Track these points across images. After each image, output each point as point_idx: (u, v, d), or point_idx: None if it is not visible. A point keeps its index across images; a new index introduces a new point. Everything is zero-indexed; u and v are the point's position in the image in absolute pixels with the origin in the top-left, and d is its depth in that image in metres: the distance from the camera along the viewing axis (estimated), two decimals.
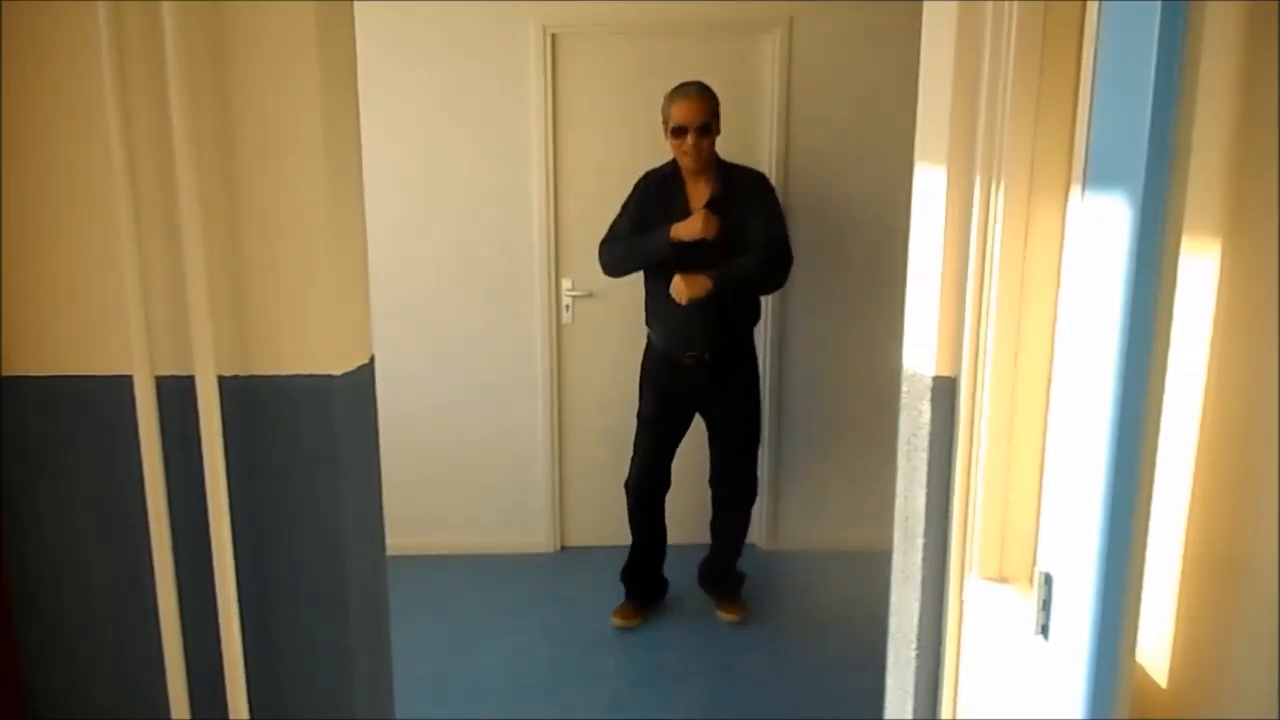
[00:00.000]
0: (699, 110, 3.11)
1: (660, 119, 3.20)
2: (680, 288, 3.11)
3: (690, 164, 3.17)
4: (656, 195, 3.24)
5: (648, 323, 3.38)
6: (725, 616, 3.46)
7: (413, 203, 3.78)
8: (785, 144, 3.75)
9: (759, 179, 3.28)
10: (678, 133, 3.13)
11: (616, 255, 3.28)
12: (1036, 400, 1.49)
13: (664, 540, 3.53)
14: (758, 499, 3.98)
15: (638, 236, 3.21)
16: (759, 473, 3.97)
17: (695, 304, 3.15)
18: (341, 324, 1.44)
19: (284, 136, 1.36)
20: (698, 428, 3.48)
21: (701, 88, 3.16)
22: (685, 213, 3.16)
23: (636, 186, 3.31)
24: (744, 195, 3.18)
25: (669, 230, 3.12)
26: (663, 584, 3.59)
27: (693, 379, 3.29)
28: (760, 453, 3.97)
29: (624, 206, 3.32)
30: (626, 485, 3.45)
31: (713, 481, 3.49)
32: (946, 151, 1.51)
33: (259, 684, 1.50)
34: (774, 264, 3.20)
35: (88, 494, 1.45)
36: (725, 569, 3.55)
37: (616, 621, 3.44)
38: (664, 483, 3.44)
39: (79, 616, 1.49)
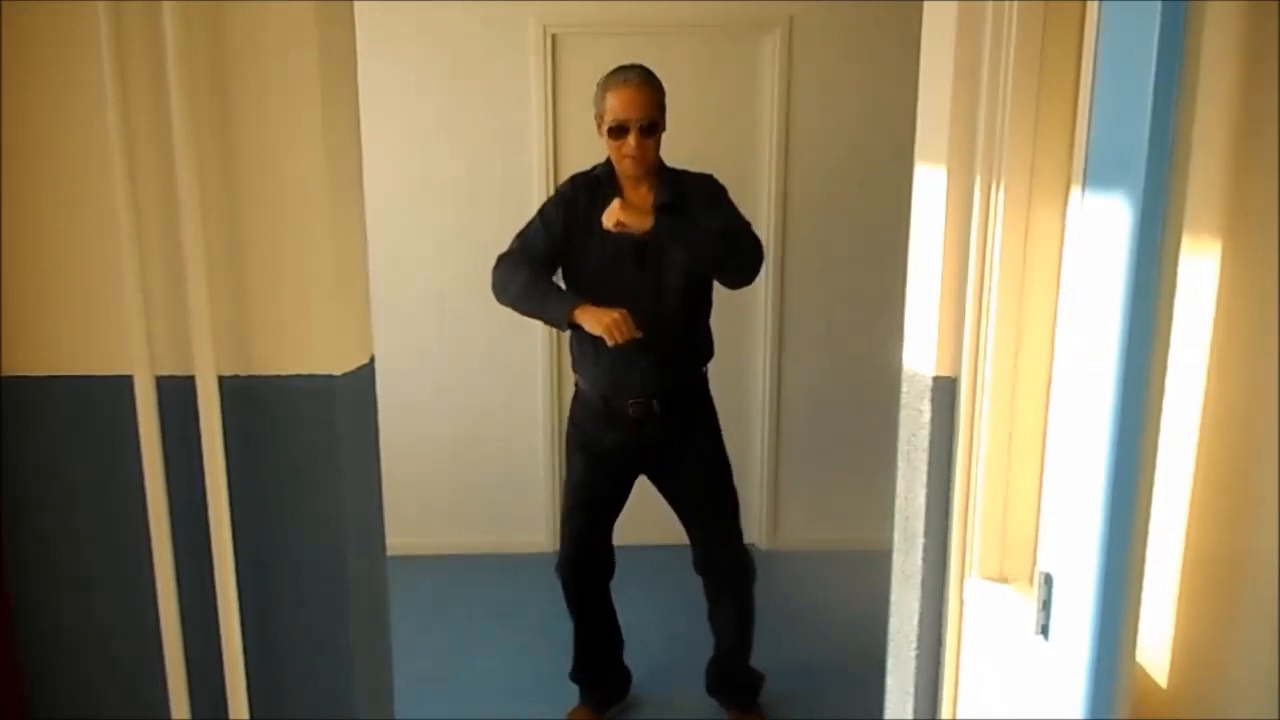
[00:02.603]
0: (642, 103, 2.44)
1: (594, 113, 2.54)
2: (614, 209, 2.36)
3: (632, 170, 2.50)
4: (588, 201, 2.53)
5: (574, 368, 2.68)
6: None
7: (412, 202, 3.77)
8: (785, 144, 3.75)
9: (706, 180, 2.60)
10: (616, 132, 2.45)
11: (511, 286, 2.51)
12: (1036, 400, 1.49)
13: (616, 627, 2.90)
14: (759, 498, 4.01)
15: (537, 290, 2.50)
16: (760, 470, 4.00)
17: (643, 340, 2.44)
18: (341, 324, 1.44)
19: (284, 136, 1.36)
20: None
21: (644, 74, 2.47)
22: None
23: (560, 189, 2.64)
24: (693, 203, 2.53)
25: (573, 310, 2.42)
26: (625, 676, 2.97)
27: (638, 432, 2.60)
28: (760, 452, 3.99)
29: (541, 211, 2.61)
30: (559, 570, 2.78)
31: (697, 567, 2.79)
32: (946, 151, 1.51)
33: (259, 684, 1.50)
34: (740, 242, 2.48)
35: (88, 494, 1.45)
36: (735, 670, 2.89)
37: None
38: (607, 565, 2.79)
39: (79, 616, 1.49)
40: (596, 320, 2.39)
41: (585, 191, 2.58)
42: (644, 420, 2.59)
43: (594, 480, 2.71)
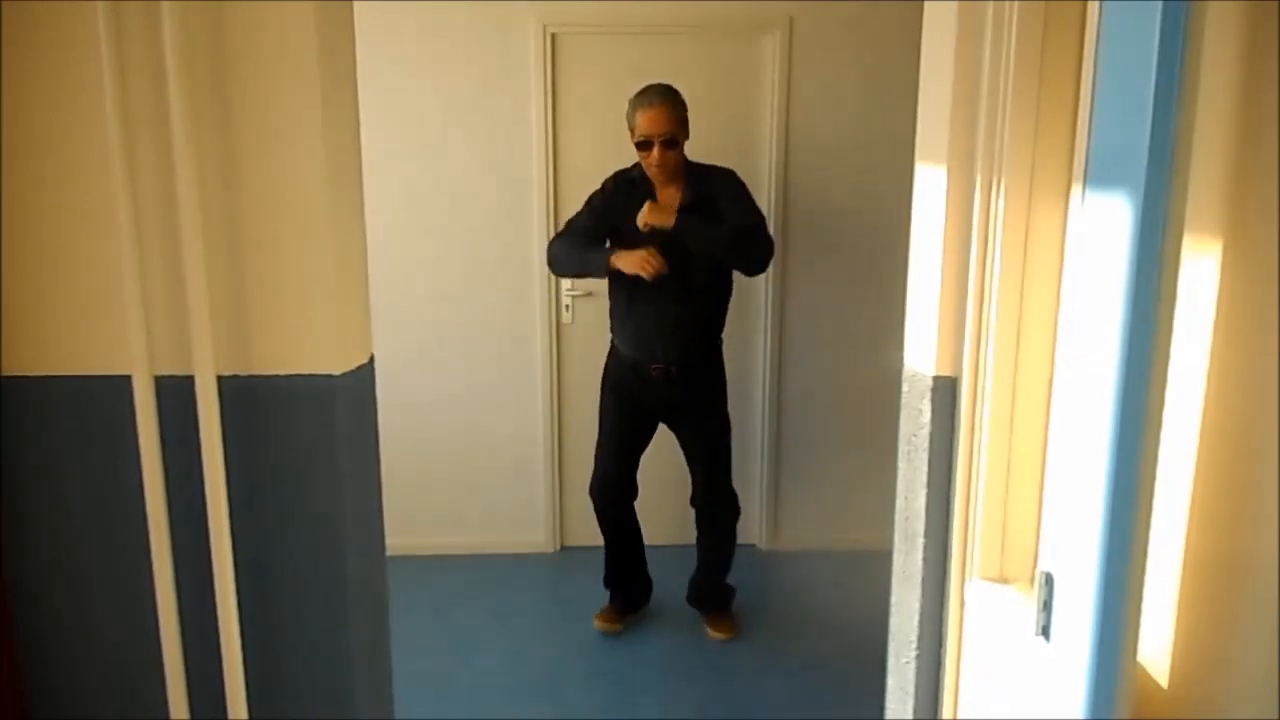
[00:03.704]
0: (664, 121, 2.98)
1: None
2: (644, 212, 2.98)
3: (658, 176, 3.06)
4: (625, 198, 3.09)
5: (612, 329, 3.29)
6: (714, 634, 3.35)
7: (413, 203, 3.77)
8: (785, 144, 3.75)
9: (728, 177, 3.13)
10: (643, 146, 3.02)
11: (559, 254, 3.19)
12: (1037, 400, 1.49)
13: (640, 541, 3.43)
14: (759, 499, 4.01)
15: (582, 249, 3.12)
16: (760, 470, 4.00)
17: (668, 316, 3.08)
18: (341, 324, 1.44)
19: (284, 136, 1.35)
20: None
21: (666, 94, 3.01)
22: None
23: (604, 185, 3.20)
24: (715, 197, 3.06)
25: (609, 256, 3.06)
26: (647, 584, 3.50)
27: (659, 390, 3.20)
28: (760, 452, 3.99)
29: (589, 201, 3.21)
30: (591, 492, 3.36)
31: (692, 500, 3.37)
32: (946, 151, 1.51)
33: (259, 684, 1.50)
34: (749, 240, 3.03)
35: (88, 494, 1.45)
36: (712, 584, 3.44)
37: (600, 625, 3.37)
38: (630, 489, 3.34)
39: (79, 617, 1.49)
40: (629, 262, 2.99)
41: (624, 188, 3.14)
42: (664, 382, 3.17)
43: (621, 420, 3.29)
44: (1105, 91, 1.14)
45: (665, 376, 3.16)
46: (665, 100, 2.99)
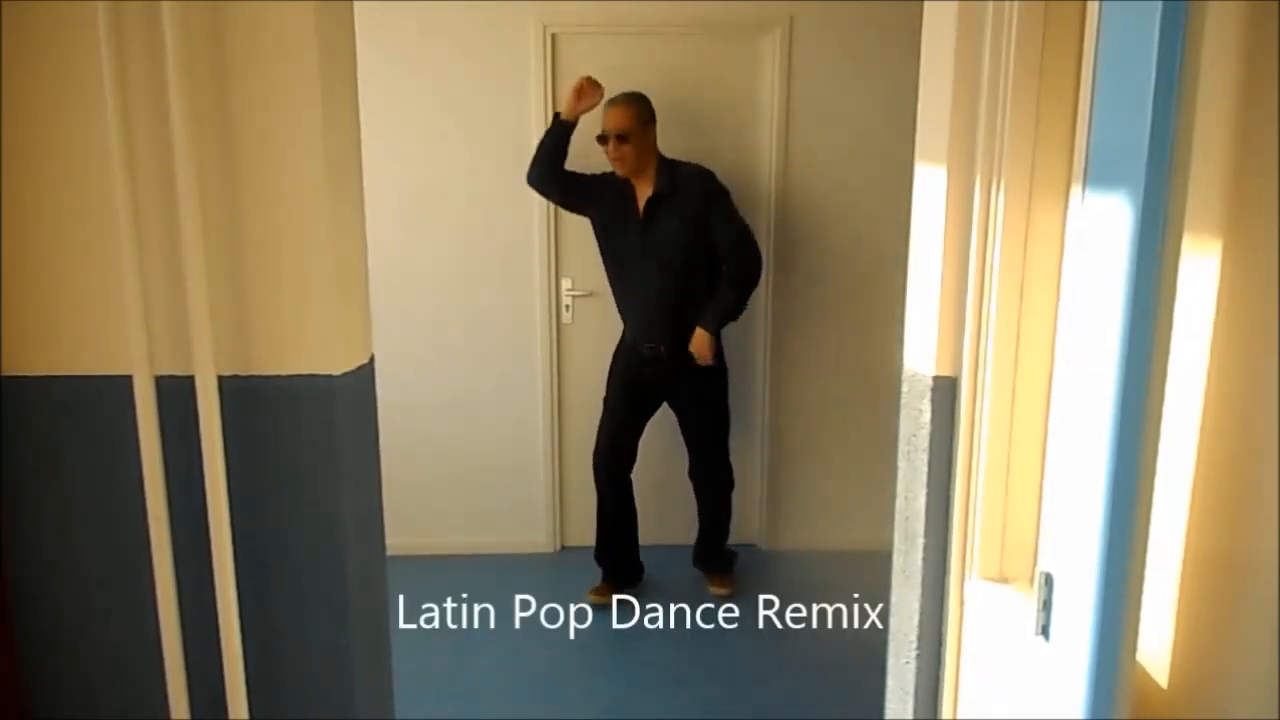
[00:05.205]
0: (618, 119, 3.32)
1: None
2: (696, 346, 3.38)
3: (617, 167, 3.38)
4: (610, 187, 3.44)
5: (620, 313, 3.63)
6: (715, 590, 3.61)
7: (413, 202, 3.77)
8: (785, 144, 3.75)
9: (704, 178, 3.38)
10: (601, 140, 3.36)
11: (531, 162, 3.49)
12: (1037, 400, 1.49)
13: (634, 518, 3.64)
14: (759, 499, 4.02)
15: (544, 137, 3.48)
16: (760, 470, 4.01)
17: (651, 298, 3.42)
18: (341, 324, 1.44)
19: (284, 137, 1.36)
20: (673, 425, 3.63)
21: (629, 98, 3.35)
22: (631, 209, 3.39)
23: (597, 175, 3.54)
24: (689, 193, 3.34)
25: (557, 116, 3.42)
26: (638, 566, 3.68)
27: (654, 368, 3.48)
28: (759, 452, 3.99)
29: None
30: (594, 460, 3.59)
31: (690, 474, 3.65)
32: (946, 151, 1.51)
33: (259, 684, 1.50)
34: (746, 266, 3.38)
35: (88, 494, 1.45)
36: (713, 548, 3.73)
37: (593, 599, 3.53)
38: (628, 458, 3.58)
39: (79, 617, 1.49)
40: (568, 102, 3.37)
41: (609, 179, 3.45)
42: (655, 359, 3.47)
43: (621, 396, 3.57)
44: (1105, 91, 1.14)
45: (656, 354, 3.45)
46: (625, 102, 3.34)
